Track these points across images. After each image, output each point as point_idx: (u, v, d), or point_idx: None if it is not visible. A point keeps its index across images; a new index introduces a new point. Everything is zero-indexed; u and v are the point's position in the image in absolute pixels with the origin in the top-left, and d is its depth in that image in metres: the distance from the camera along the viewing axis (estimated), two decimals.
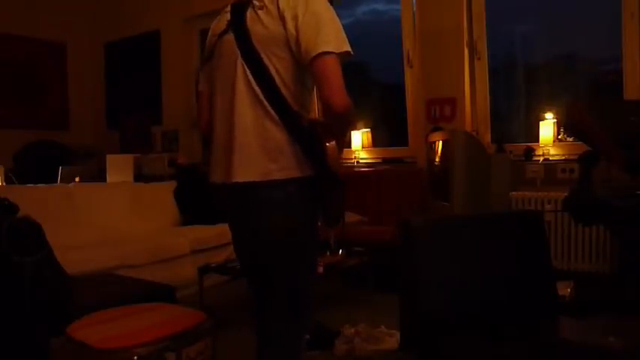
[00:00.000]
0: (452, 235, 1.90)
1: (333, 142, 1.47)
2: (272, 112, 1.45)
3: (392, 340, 2.56)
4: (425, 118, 4.24)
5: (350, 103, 1.39)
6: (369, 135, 4.83)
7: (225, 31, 1.52)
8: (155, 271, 3.28)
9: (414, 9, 4.35)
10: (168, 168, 5.22)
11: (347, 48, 1.42)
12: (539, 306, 1.94)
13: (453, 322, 1.72)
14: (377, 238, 3.69)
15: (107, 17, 6.54)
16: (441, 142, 3.66)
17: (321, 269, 3.08)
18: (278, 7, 1.41)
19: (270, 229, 1.52)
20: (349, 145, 4.82)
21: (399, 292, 1.94)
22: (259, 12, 1.44)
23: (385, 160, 4.66)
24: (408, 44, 4.49)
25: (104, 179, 4.51)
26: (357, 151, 4.75)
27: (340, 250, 3.42)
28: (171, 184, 4.59)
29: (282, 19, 1.40)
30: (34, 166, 5.21)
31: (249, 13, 1.47)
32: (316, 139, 1.47)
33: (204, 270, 3.19)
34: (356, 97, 1.43)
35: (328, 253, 3.35)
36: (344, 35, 1.42)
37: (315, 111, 1.55)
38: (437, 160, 3.74)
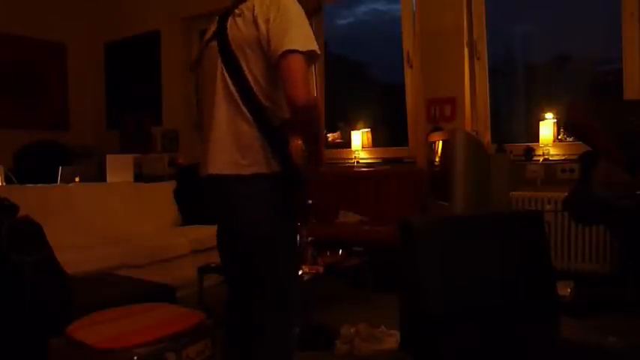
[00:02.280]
0: (452, 235, 1.90)
1: (298, 141, 1.55)
2: (244, 109, 1.56)
3: (392, 340, 2.56)
4: (425, 118, 4.24)
5: (311, 99, 1.47)
6: (369, 135, 4.83)
7: (210, 39, 1.66)
8: (155, 271, 3.29)
9: (414, 9, 4.35)
10: (168, 168, 5.22)
11: (312, 47, 1.50)
12: (539, 306, 1.94)
13: (453, 322, 1.72)
14: (377, 238, 3.69)
15: (107, 17, 6.54)
16: (441, 142, 3.65)
17: (321, 269, 3.09)
18: (253, 13, 1.54)
19: (242, 223, 1.62)
20: (349, 145, 4.82)
21: (399, 292, 1.94)
22: (237, 19, 1.58)
23: (385, 160, 4.66)
24: (408, 44, 4.49)
25: (104, 179, 4.50)
26: (357, 151, 4.75)
27: (340, 250, 3.43)
28: (171, 184, 4.58)
29: (255, 22, 1.52)
30: (34, 166, 5.20)
31: (229, 20, 1.60)
32: (284, 137, 1.56)
33: (204, 270, 3.20)
34: (356, 97, 1.46)
35: (328, 253, 3.35)
36: (312, 36, 1.52)
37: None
38: (437, 160, 3.74)
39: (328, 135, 5.15)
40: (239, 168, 1.56)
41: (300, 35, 1.48)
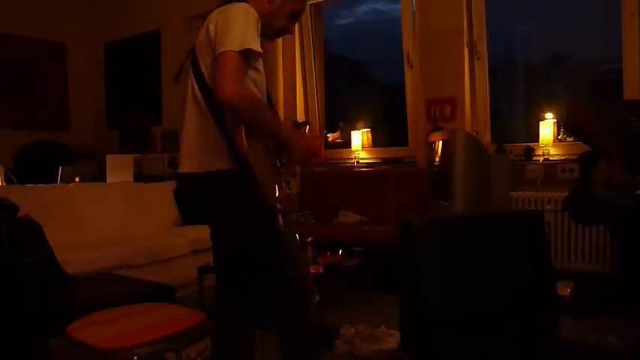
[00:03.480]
0: (452, 235, 1.90)
1: (242, 129, 1.57)
2: (206, 109, 1.65)
3: (392, 340, 2.56)
4: (425, 118, 4.24)
5: (233, 93, 1.51)
6: (369, 135, 4.83)
7: (192, 49, 1.77)
8: (155, 271, 3.29)
9: (414, 9, 4.35)
10: (168, 168, 5.22)
11: (249, 45, 1.56)
12: (540, 306, 1.94)
13: (453, 322, 1.72)
14: (377, 238, 3.69)
15: (107, 17, 6.54)
16: (441, 142, 3.66)
17: (321, 269, 3.09)
18: (209, 20, 1.66)
19: (211, 220, 1.77)
20: (349, 145, 4.82)
21: (399, 292, 1.94)
22: (202, 28, 1.70)
23: (385, 160, 4.65)
24: (408, 44, 4.49)
25: (104, 179, 4.50)
26: (357, 151, 4.75)
27: (340, 250, 3.43)
28: (171, 184, 4.58)
29: (207, 28, 1.64)
30: (34, 166, 5.20)
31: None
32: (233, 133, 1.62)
33: (204, 270, 3.20)
34: (356, 97, 1.47)
35: (328, 253, 3.36)
36: (252, 36, 1.57)
37: None
38: (437, 160, 3.74)
39: (328, 135, 5.16)
40: (204, 165, 1.66)
41: (236, 36, 1.55)
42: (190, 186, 1.72)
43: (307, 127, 2.33)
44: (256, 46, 1.58)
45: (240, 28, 1.57)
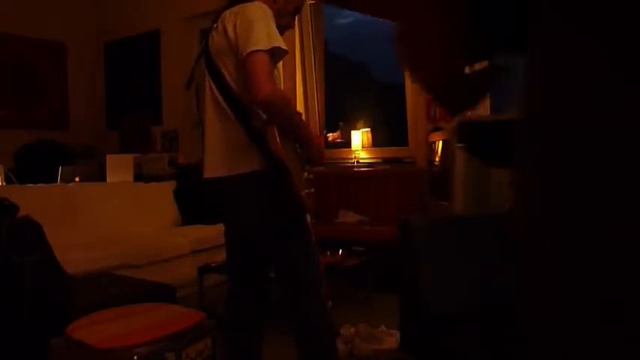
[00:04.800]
0: (452, 235, 1.90)
1: (274, 129, 1.58)
2: (229, 111, 1.65)
3: (392, 340, 2.56)
4: (425, 118, 4.24)
5: (271, 95, 1.53)
6: (369, 135, 4.83)
7: (200, 54, 1.81)
8: (155, 271, 3.29)
9: None
10: (168, 168, 5.22)
11: (276, 44, 1.58)
12: None
13: (453, 322, 1.72)
14: (377, 238, 3.69)
15: (107, 17, 6.54)
16: (440, 142, 3.66)
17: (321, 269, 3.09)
18: (224, 23, 1.67)
19: (240, 223, 1.77)
20: (349, 145, 4.82)
21: (399, 292, 1.95)
22: (214, 32, 1.72)
23: (385, 160, 4.66)
24: None
25: (104, 179, 4.51)
26: (357, 151, 4.76)
27: (340, 250, 3.43)
28: (171, 184, 4.59)
29: (225, 31, 1.65)
30: (34, 166, 5.20)
31: (211, 34, 1.75)
32: (264, 132, 1.63)
33: (204, 270, 3.20)
34: (356, 97, 1.48)
35: (328, 253, 3.35)
36: (275, 34, 1.60)
37: None
38: (437, 160, 3.74)
39: (328, 135, 5.16)
40: (229, 169, 1.66)
41: (262, 35, 1.56)
42: (215, 190, 1.73)
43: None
44: (282, 43, 1.59)
45: (263, 27, 1.58)
